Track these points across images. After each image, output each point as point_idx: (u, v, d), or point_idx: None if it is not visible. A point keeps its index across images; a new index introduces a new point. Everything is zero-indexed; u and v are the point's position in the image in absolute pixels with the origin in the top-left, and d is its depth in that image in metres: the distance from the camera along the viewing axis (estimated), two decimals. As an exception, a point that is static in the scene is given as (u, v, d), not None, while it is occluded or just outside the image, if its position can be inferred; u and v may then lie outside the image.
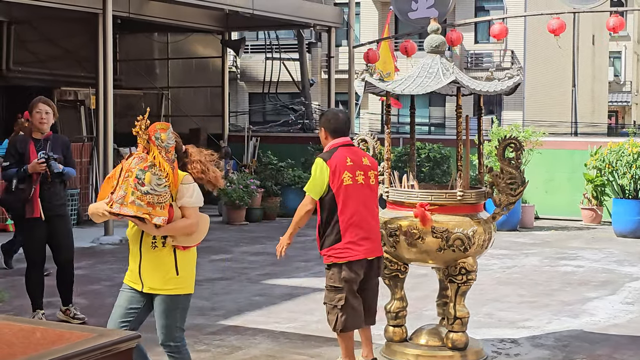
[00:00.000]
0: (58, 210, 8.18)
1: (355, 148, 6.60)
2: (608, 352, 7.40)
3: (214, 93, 21.19)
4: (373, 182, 6.47)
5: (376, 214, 6.53)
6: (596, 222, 15.98)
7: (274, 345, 7.53)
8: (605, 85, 49.27)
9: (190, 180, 5.32)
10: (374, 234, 6.47)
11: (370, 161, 6.52)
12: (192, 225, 5.24)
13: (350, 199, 6.37)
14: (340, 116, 6.62)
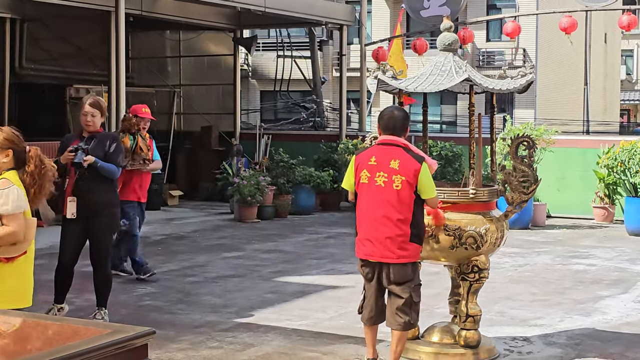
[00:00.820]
0: (96, 208, 7.92)
1: (392, 148, 6.32)
2: (620, 351, 7.39)
3: (226, 91, 21.21)
4: (398, 186, 6.22)
5: (390, 220, 6.26)
6: (608, 220, 15.93)
7: (286, 343, 7.54)
8: (617, 83, 49.10)
9: (6, 185, 4.98)
10: (378, 239, 6.30)
11: (402, 165, 6.24)
12: (14, 234, 4.88)
13: (363, 198, 6.39)
14: (391, 113, 6.48)
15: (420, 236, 6.39)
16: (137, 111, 10.44)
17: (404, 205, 6.27)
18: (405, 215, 6.27)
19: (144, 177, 10.31)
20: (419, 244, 6.39)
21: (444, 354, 6.97)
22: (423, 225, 6.47)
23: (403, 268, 6.35)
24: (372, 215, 6.33)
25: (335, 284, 10.18)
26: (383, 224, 6.29)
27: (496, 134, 8.07)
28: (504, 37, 19.37)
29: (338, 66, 21.82)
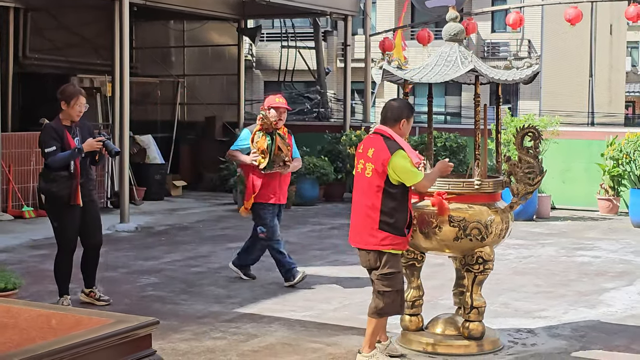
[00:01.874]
0: (92, 195, 8.41)
1: (375, 137, 6.48)
2: (625, 343, 7.36)
3: (230, 81, 21.18)
4: (368, 174, 6.39)
5: (365, 207, 6.44)
6: (613, 212, 15.90)
7: (290, 334, 7.52)
8: (622, 75, 48.98)
9: None
10: (355, 224, 6.58)
11: (375, 154, 6.35)
12: None
13: (354, 185, 6.66)
14: (387, 104, 6.62)
15: (391, 224, 6.38)
16: (271, 102, 9.53)
17: (371, 190, 6.41)
18: (373, 202, 6.39)
19: (284, 177, 9.66)
20: (390, 233, 6.39)
21: (447, 345, 6.95)
22: (399, 214, 6.43)
23: (366, 255, 6.52)
24: (354, 202, 6.62)
25: (339, 274, 10.16)
26: (359, 211, 6.54)
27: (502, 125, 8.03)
28: (509, 28, 19.30)
29: (342, 57, 21.78)
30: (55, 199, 8.20)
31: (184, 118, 21.23)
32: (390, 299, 6.46)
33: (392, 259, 6.49)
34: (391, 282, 6.45)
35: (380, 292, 6.46)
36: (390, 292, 6.45)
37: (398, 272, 6.51)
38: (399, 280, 6.51)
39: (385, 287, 6.44)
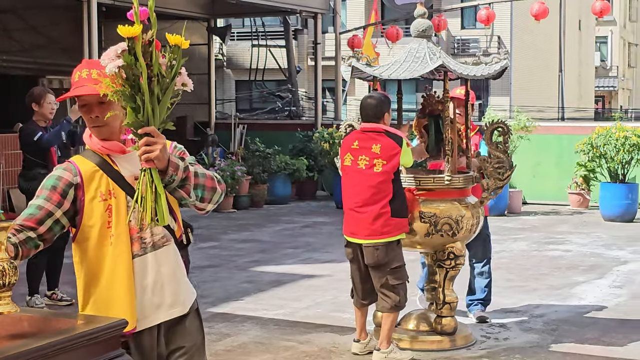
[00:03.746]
0: None
1: (373, 134, 6.51)
2: (597, 336, 7.41)
3: (201, 81, 21.11)
4: (378, 169, 6.42)
5: (371, 202, 6.44)
6: (584, 206, 16.00)
7: (263, 332, 7.51)
8: (591, 70, 49.36)
9: None
10: (360, 219, 6.49)
11: (384, 150, 6.43)
12: None
13: (347, 179, 6.61)
14: (365, 102, 6.65)
15: (401, 209, 6.56)
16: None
17: (378, 185, 6.47)
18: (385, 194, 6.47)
19: None
20: (401, 217, 6.56)
21: (420, 341, 6.97)
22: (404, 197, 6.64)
23: (374, 251, 6.55)
24: (354, 196, 6.57)
25: (312, 273, 10.16)
26: (363, 206, 6.52)
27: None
28: (479, 24, 19.39)
29: (313, 55, 21.78)
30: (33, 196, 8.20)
31: (154, 118, 21.12)
32: (404, 290, 6.59)
33: (398, 252, 6.58)
34: (401, 275, 6.57)
35: (394, 285, 6.53)
36: (402, 284, 6.58)
37: (404, 264, 6.63)
38: (406, 272, 6.64)
39: (398, 281, 6.54)
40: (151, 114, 3.16)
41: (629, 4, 55.00)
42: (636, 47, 59.28)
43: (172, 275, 3.52)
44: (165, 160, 3.17)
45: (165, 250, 3.49)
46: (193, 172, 3.30)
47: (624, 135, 14.33)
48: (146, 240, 3.45)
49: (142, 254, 3.44)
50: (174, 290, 3.52)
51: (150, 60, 3.17)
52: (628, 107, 55.19)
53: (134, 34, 3.13)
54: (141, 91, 3.11)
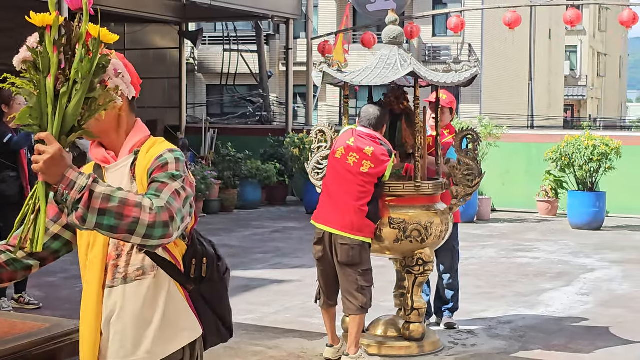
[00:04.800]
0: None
1: (368, 139, 6.61)
2: (564, 343, 7.46)
3: (172, 84, 21.07)
4: (364, 170, 6.53)
5: (352, 197, 6.53)
6: (552, 214, 16.11)
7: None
8: (561, 79, 49.70)
9: None
10: (338, 210, 6.56)
11: (376, 155, 6.54)
12: None
13: (334, 171, 6.70)
14: (368, 109, 6.77)
15: (376, 213, 6.66)
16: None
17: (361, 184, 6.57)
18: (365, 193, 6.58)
19: None
20: (374, 222, 6.64)
21: (388, 347, 6.97)
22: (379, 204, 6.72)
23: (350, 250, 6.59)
24: (336, 186, 6.67)
25: (281, 278, 10.15)
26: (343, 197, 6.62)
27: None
28: (450, 32, 19.49)
29: (285, 60, 21.77)
30: (3, 199, 8.14)
31: (125, 121, 21.06)
32: (370, 293, 6.62)
33: (369, 255, 6.66)
34: (369, 278, 6.60)
35: (363, 287, 6.55)
36: (369, 287, 6.61)
37: (372, 268, 6.69)
38: (372, 276, 6.68)
39: (367, 283, 6.57)
40: (50, 118, 2.69)
41: (598, 14, 55.46)
42: (605, 57, 59.78)
43: (138, 318, 3.00)
44: (56, 174, 2.66)
45: (137, 286, 3.00)
46: (102, 195, 2.65)
47: (593, 144, 14.44)
48: (120, 270, 3.02)
49: (112, 286, 3.02)
50: (135, 335, 3.00)
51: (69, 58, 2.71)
52: (597, 116, 55.62)
53: (45, 22, 2.71)
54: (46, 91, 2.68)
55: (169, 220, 2.73)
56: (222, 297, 3.26)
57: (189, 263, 3.11)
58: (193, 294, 3.11)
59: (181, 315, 3.06)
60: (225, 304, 3.30)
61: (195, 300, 3.13)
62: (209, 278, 3.17)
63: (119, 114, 3.08)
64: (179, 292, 3.07)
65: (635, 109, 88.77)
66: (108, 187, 2.69)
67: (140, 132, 3.16)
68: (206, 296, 3.16)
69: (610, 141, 14.52)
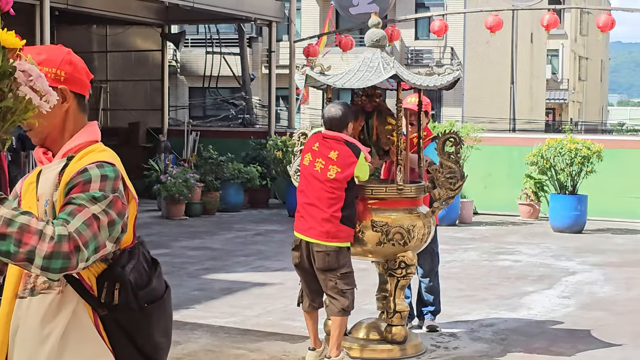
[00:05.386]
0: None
1: (335, 142, 6.54)
2: (545, 345, 7.48)
3: (154, 87, 21.01)
4: (331, 175, 6.46)
5: (323, 204, 6.48)
6: (534, 217, 16.17)
7: (213, 340, 7.48)
8: (543, 82, 49.87)
9: None
10: (311, 218, 6.53)
11: (341, 158, 6.48)
12: None
13: (304, 178, 6.66)
14: (329, 111, 6.66)
15: (350, 218, 6.59)
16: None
17: (331, 190, 6.50)
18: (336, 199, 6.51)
19: None
20: (349, 227, 6.59)
21: (371, 350, 6.98)
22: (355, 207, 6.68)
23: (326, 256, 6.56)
24: (309, 195, 6.60)
25: (263, 281, 10.14)
26: (315, 206, 6.56)
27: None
28: (432, 35, 19.55)
29: (267, 63, 21.76)
30: None
31: (106, 124, 21.01)
32: (353, 296, 6.60)
33: (348, 258, 6.61)
34: (350, 280, 6.58)
35: (343, 290, 6.53)
36: (351, 290, 6.58)
37: (352, 270, 6.65)
38: (354, 279, 6.66)
39: (347, 286, 6.54)
40: None
41: (579, 18, 55.71)
42: (587, 61, 60.05)
43: (35, 333, 2.76)
44: None
45: (40, 300, 2.76)
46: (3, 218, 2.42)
47: (575, 148, 14.51)
48: (30, 280, 2.79)
49: (22, 297, 2.80)
50: (31, 353, 2.76)
51: None
52: (578, 119, 55.87)
53: None
54: None
55: (72, 250, 2.48)
56: (140, 327, 2.87)
57: (101, 286, 2.80)
58: (107, 320, 2.81)
59: (85, 341, 2.77)
60: (147, 336, 2.89)
61: (109, 326, 2.82)
62: (125, 306, 2.80)
63: (64, 114, 2.87)
64: (87, 315, 2.78)
65: (616, 113, 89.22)
66: (13, 210, 2.45)
67: (85, 136, 2.90)
68: (123, 324, 2.83)
69: (591, 144, 14.60)
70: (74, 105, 2.90)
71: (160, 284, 3.02)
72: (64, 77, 2.87)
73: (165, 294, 3.00)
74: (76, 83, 2.90)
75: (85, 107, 2.97)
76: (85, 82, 2.96)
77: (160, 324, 2.95)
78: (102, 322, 2.80)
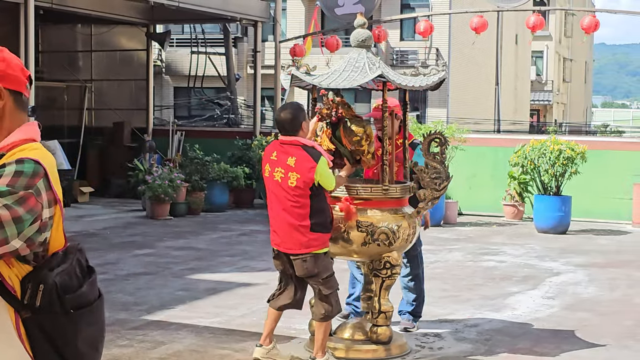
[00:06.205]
0: None
1: (293, 147, 6.39)
2: (529, 346, 7.50)
3: (139, 86, 20.97)
4: (292, 183, 6.33)
5: (292, 213, 6.38)
6: (518, 218, 16.22)
7: (198, 340, 7.47)
8: (527, 84, 49.98)
9: None
10: (281, 230, 6.45)
11: (299, 163, 6.33)
12: None
13: (268, 190, 6.55)
14: (279, 116, 6.54)
15: (321, 224, 6.46)
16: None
17: (295, 198, 6.38)
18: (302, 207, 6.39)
19: None
20: (321, 232, 6.47)
21: (356, 350, 6.98)
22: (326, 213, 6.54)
23: (303, 263, 6.49)
24: (276, 208, 6.50)
25: (248, 281, 10.13)
26: (285, 218, 6.46)
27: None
28: (418, 36, 19.54)
29: (252, 63, 21.73)
30: None
31: (91, 123, 20.95)
32: (334, 299, 6.56)
33: (326, 262, 6.55)
34: (331, 284, 6.54)
35: (327, 295, 6.51)
36: (333, 293, 6.55)
37: (333, 273, 6.60)
38: (335, 280, 6.61)
39: (328, 290, 6.52)
40: None
41: (564, 19, 55.87)
42: (571, 62, 60.23)
43: None
44: None
45: None
46: None
47: (559, 149, 14.56)
48: None
49: None
50: None
51: None
52: (562, 121, 56.04)
53: None
54: None
55: None
56: (64, 333, 2.77)
57: (25, 288, 2.71)
58: (30, 324, 2.72)
59: (3, 344, 2.70)
60: (70, 343, 2.80)
61: (31, 331, 2.73)
62: (49, 309, 2.71)
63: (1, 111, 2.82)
64: (7, 316, 2.70)
65: (600, 114, 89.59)
66: None
67: (20, 134, 2.83)
68: (46, 329, 2.74)
69: (575, 146, 14.66)
70: (10, 103, 2.84)
71: (92, 291, 2.93)
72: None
73: (96, 301, 2.91)
74: (10, 80, 2.84)
75: (24, 105, 2.89)
76: (21, 79, 2.88)
77: (88, 333, 2.86)
78: (25, 325, 2.72)
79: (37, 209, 2.62)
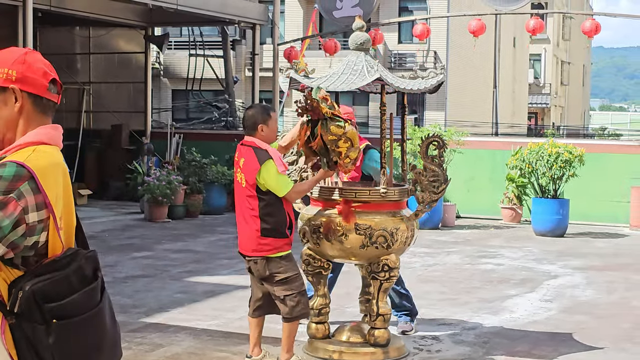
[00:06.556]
0: None
1: (246, 148, 6.42)
2: (527, 349, 7.51)
3: (137, 89, 20.97)
4: (243, 185, 6.37)
5: (246, 215, 6.39)
6: (516, 221, 16.23)
7: (196, 343, 7.47)
8: (525, 87, 50.01)
9: None
10: (240, 231, 6.50)
11: (246, 165, 6.35)
12: None
13: (235, 194, 6.63)
14: (244, 114, 6.61)
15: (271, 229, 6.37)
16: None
17: (249, 200, 6.38)
18: (252, 210, 6.37)
19: None
20: (273, 237, 6.39)
21: (353, 353, 6.98)
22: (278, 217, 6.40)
23: (255, 264, 6.48)
24: (237, 210, 6.56)
25: (246, 283, 10.03)
26: (243, 220, 6.48)
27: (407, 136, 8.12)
28: (415, 39, 19.59)
29: (251, 66, 21.77)
30: None
31: (89, 126, 20.95)
32: (294, 302, 6.45)
33: (285, 264, 6.45)
34: (290, 286, 6.44)
35: (281, 297, 6.46)
36: (291, 296, 6.44)
37: (295, 274, 6.50)
38: (299, 282, 6.50)
39: (285, 292, 6.44)
40: None
41: (562, 22, 55.92)
42: (569, 65, 60.29)
43: None
44: None
45: None
46: None
47: (557, 152, 14.57)
48: None
49: None
50: None
51: None
52: (560, 124, 56.07)
53: None
54: None
55: None
56: (42, 342, 2.69)
57: (11, 292, 2.68)
58: (16, 330, 2.69)
59: None
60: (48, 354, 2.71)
61: (17, 336, 2.69)
62: (28, 317, 2.66)
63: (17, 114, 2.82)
64: None
65: (598, 117, 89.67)
66: None
67: (30, 137, 2.81)
68: (29, 337, 2.68)
69: (573, 149, 14.67)
70: (28, 106, 2.83)
71: (88, 301, 2.83)
72: (15, 76, 2.80)
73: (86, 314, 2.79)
74: (29, 83, 2.82)
75: (45, 108, 2.87)
76: (41, 82, 2.85)
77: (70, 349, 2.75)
78: (12, 331, 2.69)
79: (17, 213, 2.59)
